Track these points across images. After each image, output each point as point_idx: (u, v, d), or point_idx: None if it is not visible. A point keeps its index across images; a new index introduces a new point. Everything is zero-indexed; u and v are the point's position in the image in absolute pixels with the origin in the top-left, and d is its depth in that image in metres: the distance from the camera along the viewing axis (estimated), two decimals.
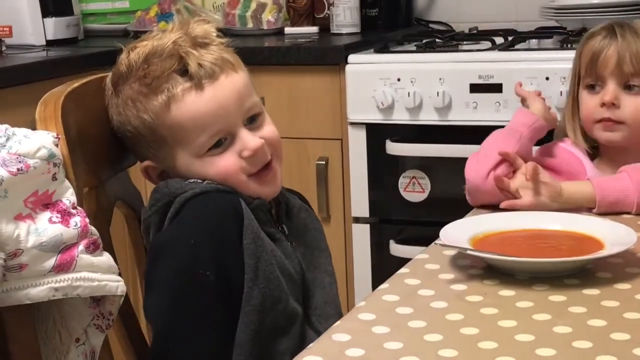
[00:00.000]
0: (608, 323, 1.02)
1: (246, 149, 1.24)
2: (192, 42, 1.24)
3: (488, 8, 2.81)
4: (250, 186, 1.26)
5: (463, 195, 2.23)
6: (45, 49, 2.63)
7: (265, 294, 1.20)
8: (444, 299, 1.11)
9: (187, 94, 1.22)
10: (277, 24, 2.80)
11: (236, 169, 1.24)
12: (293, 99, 2.42)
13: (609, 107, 1.49)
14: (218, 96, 1.23)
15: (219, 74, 1.23)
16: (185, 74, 1.22)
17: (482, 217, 1.38)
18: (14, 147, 1.07)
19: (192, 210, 1.20)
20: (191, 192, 1.21)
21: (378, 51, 2.39)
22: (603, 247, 1.20)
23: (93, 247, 1.10)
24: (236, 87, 1.25)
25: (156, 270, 1.20)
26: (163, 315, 1.17)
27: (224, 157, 1.24)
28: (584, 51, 1.53)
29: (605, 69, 1.49)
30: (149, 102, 1.22)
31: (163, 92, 1.21)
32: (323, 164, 2.40)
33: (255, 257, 1.19)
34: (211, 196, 1.21)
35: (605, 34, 1.51)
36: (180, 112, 1.22)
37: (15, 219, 1.05)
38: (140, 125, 1.24)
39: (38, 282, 1.06)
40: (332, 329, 1.04)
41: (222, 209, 1.20)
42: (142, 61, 1.23)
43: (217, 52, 1.25)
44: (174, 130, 1.23)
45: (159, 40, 1.24)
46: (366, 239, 2.38)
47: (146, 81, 1.22)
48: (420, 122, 2.27)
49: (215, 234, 1.18)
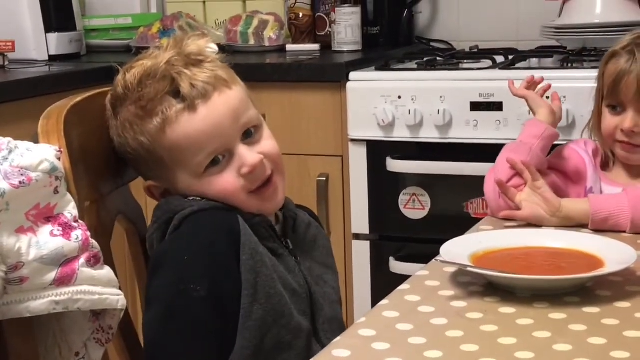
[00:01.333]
0: (608, 341, 1.02)
1: (245, 166, 1.24)
2: (184, 61, 1.24)
3: (489, 27, 2.82)
4: (251, 203, 1.26)
5: (463, 213, 2.25)
6: (48, 64, 2.63)
7: (267, 309, 1.20)
8: (444, 315, 1.11)
9: (181, 115, 1.22)
10: (278, 41, 2.81)
11: (236, 188, 1.24)
12: (294, 116, 2.42)
13: (628, 134, 1.50)
14: (212, 115, 1.22)
15: (211, 93, 1.23)
16: (177, 95, 1.22)
17: (483, 235, 1.38)
18: (16, 160, 1.08)
19: (188, 227, 1.20)
20: (190, 209, 1.21)
21: (379, 69, 2.40)
22: (603, 265, 1.20)
23: (94, 260, 1.10)
24: (230, 105, 1.24)
25: (151, 286, 1.21)
26: (153, 329, 1.18)
27: (222, 177, 1.24)
28: (606, 70, 1.53)
29: (627, 94, 1.49)
30: (145, 125, 1.23)
31: (157, 114, 1.22)
32: (324, 180, 2.40)
33: (254, 272, 1.19)
34: (208, 213, 1.22)
35: (627, 57, 1.50)
36: (175, 133, 1.22)
37: (16, 232, 1.05)
38: (138, 148, 1.24)
39: (39, 296, 1.06)
40: (332, 344, 1.04)
41: (216, 226, 1.20)
42: (137, 83, 1.23)
43: (210, 70, 1.24)
44: (171, 152, 1.23)
45: (154, 60, 1.24)
46: (366, 255, 2.38)
47: (141, 104, 1.22)
48: (421, 140, 2.28)
49: (208, 250, 1.18)
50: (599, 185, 1.55)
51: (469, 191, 2.22)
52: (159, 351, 1.17)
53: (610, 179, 1.56)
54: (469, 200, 2.24)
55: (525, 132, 1.58)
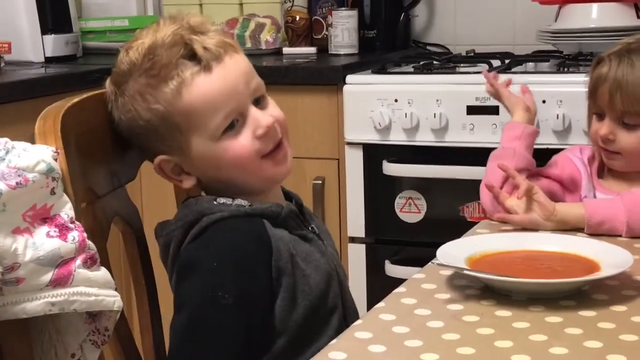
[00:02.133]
0: (604, 345, 1.02)
1: (259, 127, 1.25)
2: (190, 30, 1.25)
3: (485, 31, 2.83)
4: (265, 169, 1.27)
5: (459, 217, 2.25)
6: (44, 65, 2.63)
7: (306, 307, 1.22)
8: (441, 318, 1.11)
9: (197, 76, 1.23)
10: (275, 44, 2.81)
11: (250, 152, 1.25)
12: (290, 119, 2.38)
13: (604, 141, 1.52)
14: (227, 76, 1.24)
15: (223, 56, 1.24)
16: (193, 58, 1.23)
17: (479, 238, 1.38)
18: (13, 161, 1.07)
19: (218, 233, 1.21)
20: (220, 214, 1.22)
21: (376, 72, 2.40)
22: (599, 269, 1.20)
23: (90, 262, 1.10)
24: (242, 68, 1.26)
25: (180, 291, 1.21)
26: (179, 335, 1.18)
27: (238, 141, 1.25)
28: (592, 77, 1.55)
29: (602, 101, 1.52)
30: (159, 92, 1.23)
31: (173, 78, 1.22)
32: (319, 183, 2.40)
33: (293, 276, 1.21)
34: (237, 221, 1.22)
35: (608, 64, 1.51)
36: (192, 95, 1.22)
37: (13, 233, 1.05)
38: (152, 118, 1.24)
39: (35, 297, 1.06)
40: (328, 347, 1.04)
41: (247, 234, 1.21)
42: (145, 55, 1.23)
43: (218, 37, 1.26)
44: (188, 116, 1.23)
45: (157, 34, 1.24)
46: (362, 259, 2.38)
47: (153, 72, 1.23)
48: (417, 143, 2.28)
49: (237, 258, 1.19)
50: (592, 194, 1.56)
51: (465, 195, 2.23)
52: (183, 357, 1.17)
53: (605, 187, 1.56)
54: (465, 204, 2.24)
55: (505, 137, 1.61)
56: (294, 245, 1.24)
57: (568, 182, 1.57)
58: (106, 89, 1.29)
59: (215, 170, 1.26)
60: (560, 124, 2.12)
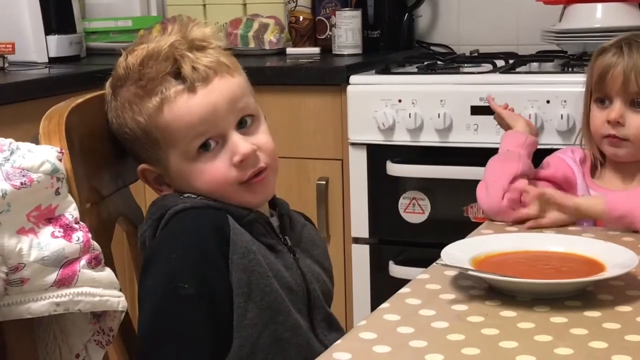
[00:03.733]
0: (609, 345, 1.02)
1: (237, 154, 1.23)
2: (189, 45, 1.25)
3: (489, 31, 2.82)
4: (241, 195, 1.25)
5: (463, 217, 2.25)
6: (48, 66, 2.63)
7: (262, 307, 1.20)
8: (445, 319, 1.11)
9: (180, 96, 1.22)
10: (279, 44, 2.81)
11: (226, 178, 1.24)
12: (294, 119, 2.42)
13: (614, 125, 1.53)
14: (209, 98, 1.23)
15: (212, 77, 1.23)
16: (178, 76, 1.23)
17: (484, 238, 1.38)
18: (17, 161, 1.07)
19: (178, 224, 1.21)
20: (181, 205, 1.22)
21: (379, 72, 2.39)
22: (604, 269, 1.20)
23: (95, 262, 1.10)
24: (229, 90, 1.25)
25: (142, 285, 1.21)
26: (145, 328, 1.18)
27: (214, 164, 1.24)
28: (594, 66, 1.58)
29: (613, 87, 1.53)
30: (144, 104, 1.23)
31: (157, 94, 1.22)
32: (323, 184, 2.40)
33: (247, 271, 1.19)
34: (198, 211, 1.22)
35: (614, 51, 1.55)
36: (171, 113, 1.22)
37: (17, 233, 1.05)
38: (135, 128, 1.25)
39: (39, 297, 1.06)
40: (333, 347, 1.04)
41: (204, 224, 1.20)
42: (139, 64, 1.23)
43: (214, 56, 1.25)
44: (164, 132, 1.23)
45: (157, 43, 1.25)
46: (365, 259, 2.38)
47: (142, 83, 1.23)
48: (421, 144, 2.28)
49: (196, 248, 1.18)
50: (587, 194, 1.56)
51: (469, 195, 2.21)
52: (151, 350, 1.17)
53: (600, 186, 1.57)
54: (469, 205, 2.24)
55: (508, 142, 1.62)
56: (257, 249, 1.22)
57: (562, 183, 1.58)
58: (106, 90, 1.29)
59: (192, 189, 1.26)
60: (564, 124, 2.11)
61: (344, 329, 1.31)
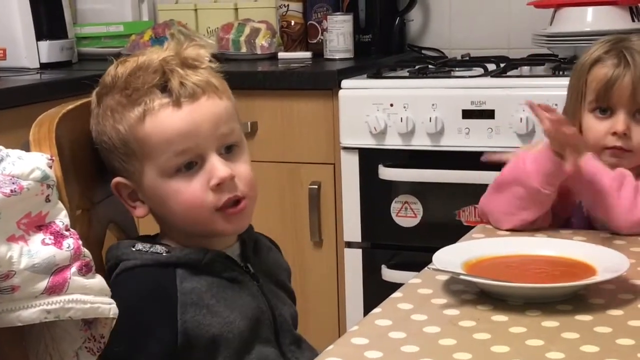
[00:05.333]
0: (601, 349, 1.02)
1: (214, 177, 1.21)
2: (181, 61, 1.23)
3: (480, 35, 2.83)
4: (215, 222, 1.23)
5: (455, 221, 2.25)
6: (39, 71, 2.63)
7: (229, 355, 1.20)
8: (437, 323, 1.11)
9: (164, 109, 1.20)
10: (270, 49, 2.81)
11: (202, 201, 1.21)
12: (286, 124, 2.42)
13: (620, 137, 1.50)
14: (193, 115, 1.21)
15: (200, 95, 1.21)
16: (165, 90, 1.21)
17: (476, 242, 1.38)
18: (7, 169, 1.07)
19: (123, 284, 1.20)
20: (132, 262, 1.22)
21: (371, 76, 2.40)
22: (596, 273, 1.20)
23: (86, 269, 1.10)
24: (215, 112, 1.22)
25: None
26: None
27: (190, 185, 1.21)
28: (591, 76, 1.53)
29: (620, 98, 1.49)
30: (126, 114, 1.21)
31: (140, 104, 1.21)
32: (315, 188, 2.40)
33: (204, 326, 1.19)
34: (146, 271, 1.21)
35: (616, 61, 1.50)
36: (152, 125, 1.20)
37: (7, 241, 1.05)
38: (114, 136, 1.23)
39: (30, 304, 1.05)
40: (325, 352, 1.04)
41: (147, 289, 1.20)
42: (128, 74, 1.22)
43: (204, 75, 1.23)
44: (143, 144, 1.21)
45: (149, 56, 1.23)
46: (358, 263, 2.38)
47: (127, 92, 1.21)
48: (413, 148, 2.28)
49: (132, 314, 1.16)
50: None
51: (461, 199, 2.23)
52: None
53: None
54: (461, 208, 2.24)
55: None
56: (215, 293, 1.22)
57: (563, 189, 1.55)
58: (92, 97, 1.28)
59: (165, 210, 1.24)
60: None
61: (315, 349, 1.29)
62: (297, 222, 2.43)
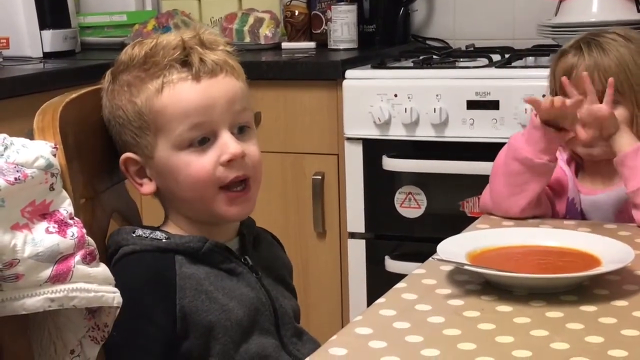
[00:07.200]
0: (605, 339, 1.02)
1: (225, 153, 1.23)
2: (200, 42, 1.26)
3: (485, 25, 2.82)
4: (218, 202, 1.24)
5: (459, 212, 2.25)
6: (42, 61, 2.62)
7: (225, 342, 1.20)
8: (441, 314, 1.10)
9: (182, 82, 1.23)
10: (274, 39, 2.80)
11: (210, 176, 1.23)
12: (290, 114, 2.42)
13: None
14: (210, 90, 1.23)
15: (218, 73, 1.24)
16: (184, 65, 1.23)
17: (480, 233, 1.38)
18: (11, 157, 1.07)
19: (123, 269, 1.20)
20: (131, 247, 1.22)
21: (375, 67, 2.39)
22: (600, 264, 1.20)
23: (90, 257, 1.10)
24: (232, 90, 1.25)
25: None
26: None
27: (202, 158, 1.23)
28: (557, 69, 1.57)
29: (578, 86, 1.49)
30: (144, 86, 1.23)
31: (159, 77, 1.23)
32: (319, 178, 2.40)
33: (202, 312, 1.20)
34: (145, 256, 1.22)
35: (574, 52, 1.55)
36: (169, 97, 1.22)
37: (12, 229, 1.05)
38: (129, 109, 1.24)
39: (34, 293, 1.05)
40: (329, 342, 1.04)
41: (146, 272, 1.21)
42: (147, 51, 1.24)
43: (222, 55, 1.26)
44: (158, 116, 1.22)
45: (167, 37, 1.26)
46: (361, 254, 2.37)
47: (145, 67, 1.24)
48: (417, 138, 2.28)
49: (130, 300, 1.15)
50: (578, 197, 1.55)
51: (465, 190, 2.22)
52: None
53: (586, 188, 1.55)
54: (465, 199, 2.24)
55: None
56: (213, 281, 1.22)
57: (556, 186, 1.55)
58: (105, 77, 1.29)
59: (173, 184, 1.25)
60: None
61: (317, 342, 1.29)
62: (300, 213, 2.42)
